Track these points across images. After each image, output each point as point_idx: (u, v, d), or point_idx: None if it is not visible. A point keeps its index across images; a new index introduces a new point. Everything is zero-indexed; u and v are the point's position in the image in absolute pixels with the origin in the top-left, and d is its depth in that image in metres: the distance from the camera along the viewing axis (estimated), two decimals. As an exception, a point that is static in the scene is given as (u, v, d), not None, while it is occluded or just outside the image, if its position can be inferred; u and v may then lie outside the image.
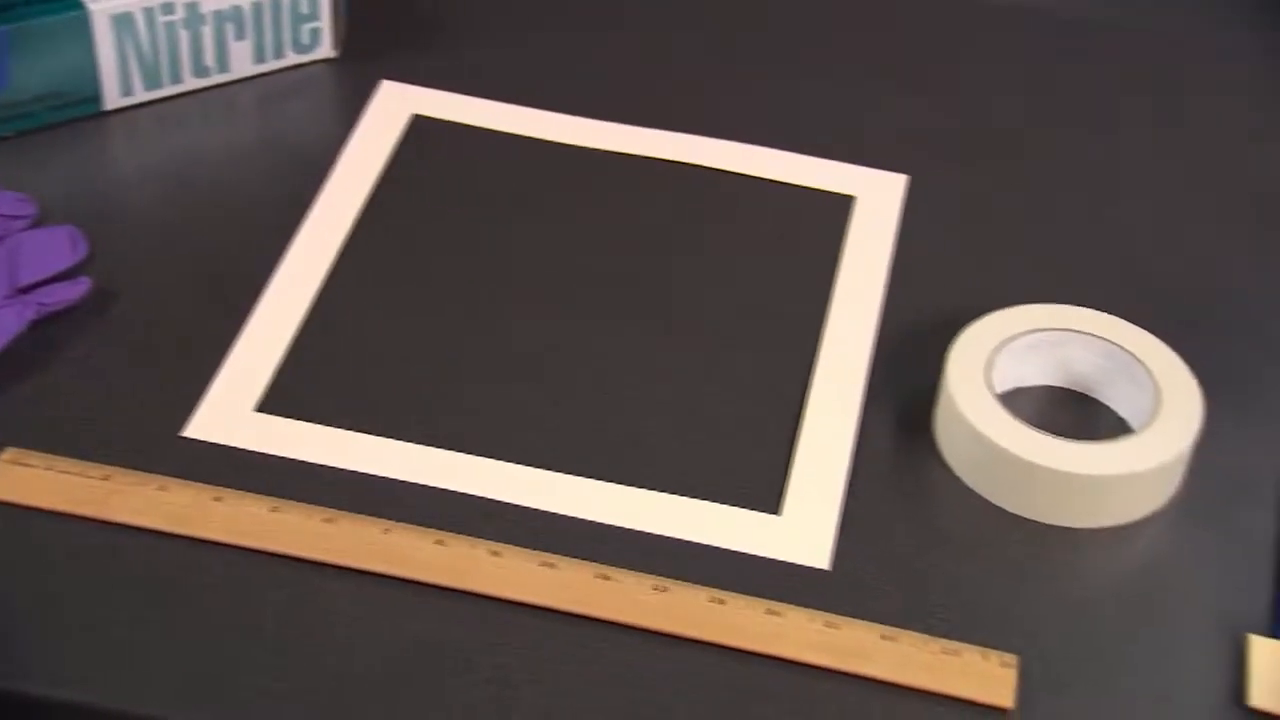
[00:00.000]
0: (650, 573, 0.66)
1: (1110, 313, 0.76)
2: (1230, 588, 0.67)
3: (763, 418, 0.73)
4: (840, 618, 0.65)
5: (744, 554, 0.67)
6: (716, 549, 0.68)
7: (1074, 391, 0.75)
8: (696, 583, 0.66)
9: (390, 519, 0.68)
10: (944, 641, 0.65)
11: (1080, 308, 0.75)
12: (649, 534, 0.68)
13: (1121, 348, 0.73)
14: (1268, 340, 0.77)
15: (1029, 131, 0.88)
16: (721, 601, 0.65)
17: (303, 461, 0.70)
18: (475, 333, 0.76)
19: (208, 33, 0.85)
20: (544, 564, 0.66)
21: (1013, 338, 0.74)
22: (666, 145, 0.86)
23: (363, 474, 0.69)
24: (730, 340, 0.77)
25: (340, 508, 0.68)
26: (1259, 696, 0.63)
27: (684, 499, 0.69)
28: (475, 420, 0.72)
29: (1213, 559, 0.68)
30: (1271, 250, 0.82)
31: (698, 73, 0.90)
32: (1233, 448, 0.72)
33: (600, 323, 0.77)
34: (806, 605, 0.66)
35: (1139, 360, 0.73)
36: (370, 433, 0.71)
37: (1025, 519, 0.70)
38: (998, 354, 0.73)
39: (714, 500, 0.69)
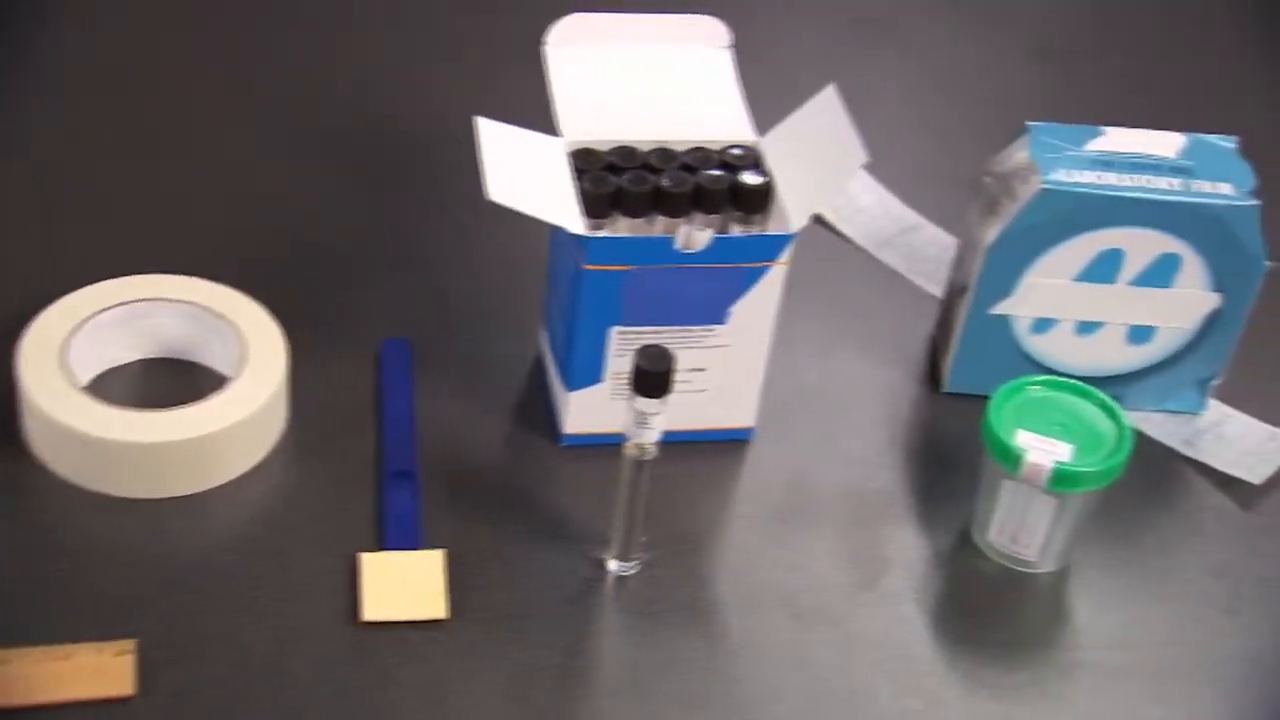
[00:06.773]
0: None
1: (198, 275, 0.74)
2: (342, 513, 0.68)
3: None
4: (-65, 655, 0.60)
5: None
6: None
7: (172, 359, 0.73)
8: None
9: None
10: (56, 648, 0.61)
11: (160, 275, 0.73)
12: None
13: (205, 307, 0.72)
14: (345, 280, 0.78)
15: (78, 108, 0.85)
16: None
17: None
18: None
19: None
20: None
21: (88, 318, 0.71)
22: None
23: None
24: None
25: None
26: (370, 609, 0.64)
27: None
28: None
29: (324, 490, 0.69)
30: (343, 193, 0.84)
31: None
32: (328, 383, 0.73)
33: None
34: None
35: (223, 317, 0.72)
36: None
37: (137, 499, 0.67)
38: (73, 338, 0.70)
39: None
